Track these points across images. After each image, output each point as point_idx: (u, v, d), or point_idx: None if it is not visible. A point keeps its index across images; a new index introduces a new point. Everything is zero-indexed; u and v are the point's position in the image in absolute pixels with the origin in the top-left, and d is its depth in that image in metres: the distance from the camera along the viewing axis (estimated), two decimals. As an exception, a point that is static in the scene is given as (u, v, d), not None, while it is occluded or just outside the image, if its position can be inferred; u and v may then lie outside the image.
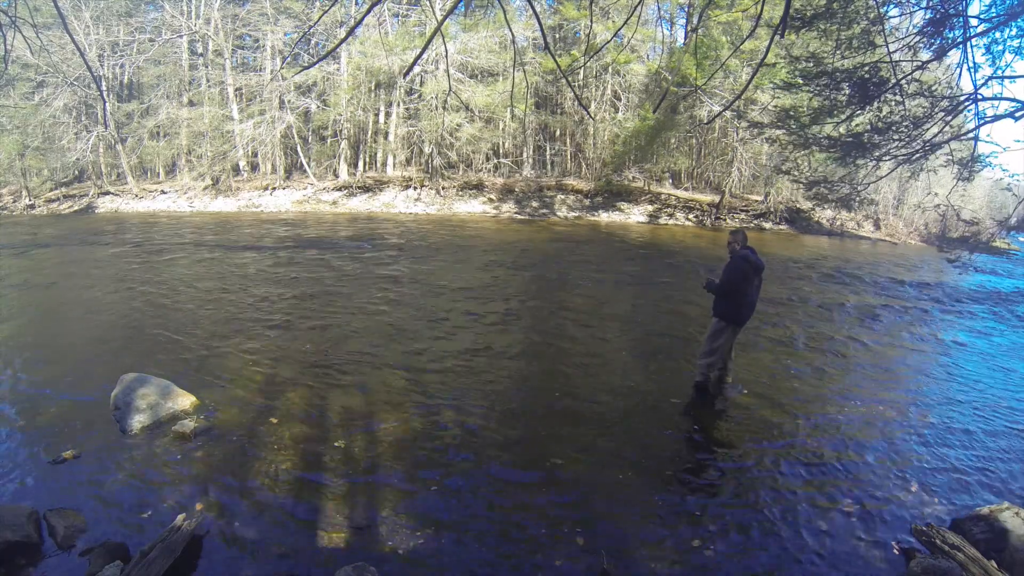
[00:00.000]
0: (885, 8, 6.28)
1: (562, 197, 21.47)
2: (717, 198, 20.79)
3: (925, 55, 5.82)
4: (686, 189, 22.53)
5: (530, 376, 5.67)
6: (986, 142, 14.15)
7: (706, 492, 3.80)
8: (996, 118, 5.31)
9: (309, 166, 22.90)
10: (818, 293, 10.08)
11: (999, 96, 5.23)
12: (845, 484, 3.88)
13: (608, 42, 6.15)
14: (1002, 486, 3.94)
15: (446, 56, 19.19)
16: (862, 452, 4.33)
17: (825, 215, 20.53)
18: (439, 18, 17.92)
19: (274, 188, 22.35)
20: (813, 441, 4.48)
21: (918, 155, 6.06)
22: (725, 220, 20.21)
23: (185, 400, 4.67)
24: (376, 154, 23.42)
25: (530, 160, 23.26)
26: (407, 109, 22.45)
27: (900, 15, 6.98)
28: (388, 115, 22.75)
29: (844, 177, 7.81)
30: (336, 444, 4.21)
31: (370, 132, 23.11)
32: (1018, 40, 5.16)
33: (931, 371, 6.40)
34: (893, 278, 12.13)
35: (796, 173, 10.65)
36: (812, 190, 8.76)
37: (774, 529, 3.39)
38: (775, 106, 10.45)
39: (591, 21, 18.69)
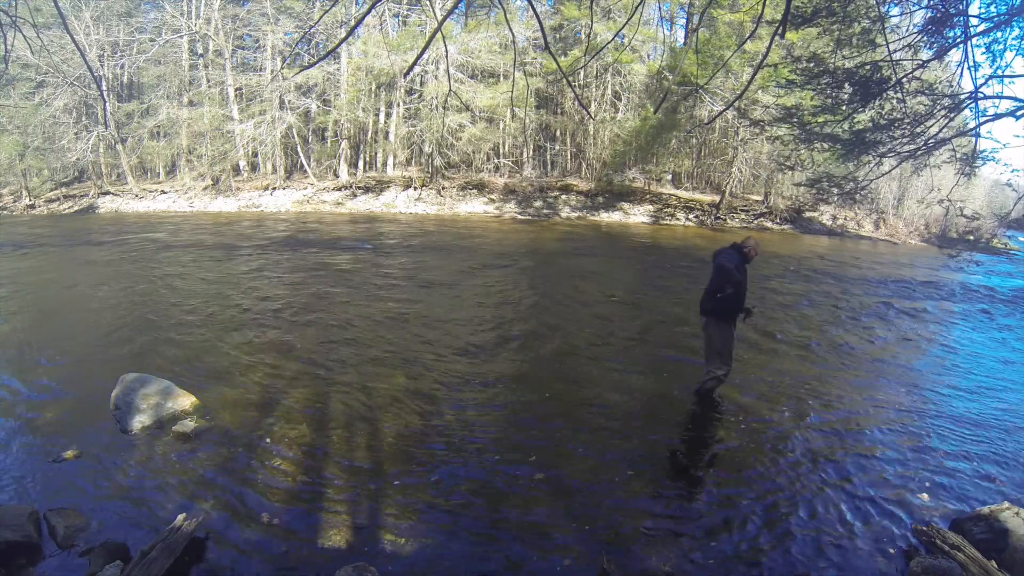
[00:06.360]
0: (886, 7, 6.28)
1: (564, 197, 21.49)
2: (717, 198, 20.80)
3: (925, 54, 5.81)
4: (686, 189, 22.54)
5: (531, 376, 5.67)
6: (987, 139, 14.13)
7: (706, 492, 3.79)
8: (997, 116, 5.31)
9: (309, 166, 22.90)
10: (818, 292, 10.07)
11: (999, 95, 5.22)
12: (845, 484, 3.87)
13: (609, 42, 6.15)
14: (1002, 486, 3.94)
15: (446, 56, 19.18)
16: (862, 452, 4.33)
17: (826, 215, 20.54)
18: (439, 18, 17.92)
19: (274, 188, 22.35)
20: (813, 441, 4.47)
21: (921, 152, 6.05)
22: (725, 220, 20.22)
23: (185, 400, 4.67)
24: (376, 154, 23.42)
25: (531, 160, 23.26)
26: (408, 109, 22.45)
27: (900, 14, 6.98)
28: (389, 115, 22.75)
29: (847, 174, 7.83)
30: (336, 444, 4.21)
31: (370, 132, 23.11)
32: (1019, 40, 5.16)
33: (931, 370, 6.39)
34: (893, 277, 12.12)
35: (800, 169, 10.68)
36: (815, 187, 8.79)
37: (774, 529, 3.39)
38: (778, 104, 10.46)
39: (592, 21, 18.73)
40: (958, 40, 5.18)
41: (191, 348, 6.16)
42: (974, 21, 5.23)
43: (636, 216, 20.79)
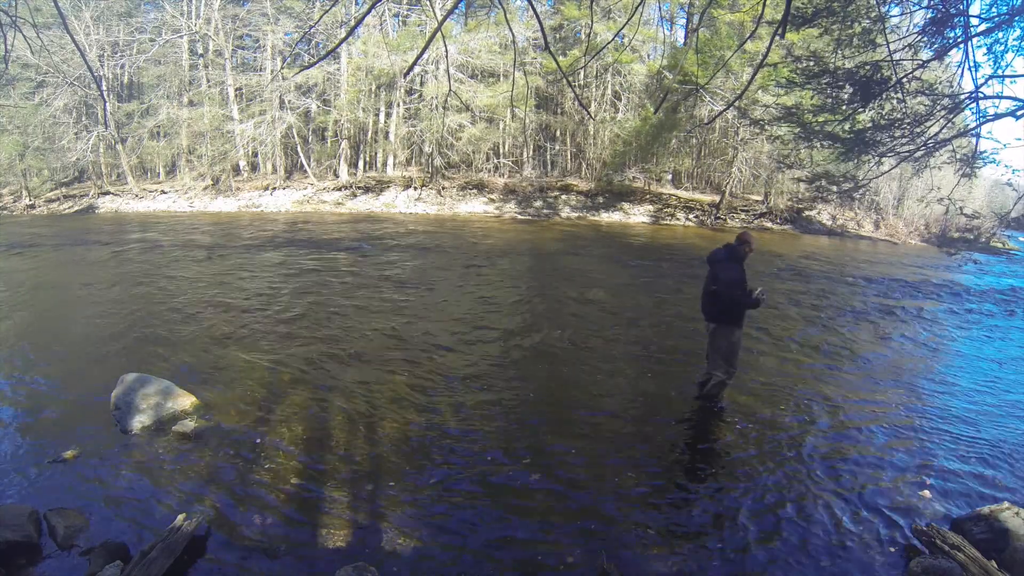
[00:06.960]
0: (886, 7, 6.28)
1: (564, 197, 21.49)
2: (717, 198, 20.80)
3: (926, 54, 5.81)
4: (686, 189, 22.54)
5: (531, 376, 5.67)
6: (987, 139, 14.11)
7: (706, 493, 3.79)
8: (997, 116, 5.29)
9: (309, 166, 22.90)
10: (817, 292, 10.06)
11: (1000, 95, 5.21)
12: (845, 485, 3.87)
13: (609, 42, 6.16)
14: (1002, 486, 3.94)
15: (446, 56, 19.18)
16: (862, 453, 4.33)
17: (826, 215, 20.54)
18: (439, 18, 17.92)
19: (274, 188, 22.35)
20: (812, 442, 4.47)
21: (921, 152, 6.04)
22: (725, 220, 20.22)
23: (186, 400, 4.67)
24: (376, 154, 23.42)
25: (531, 160, 23.26)
26: (408, 109, 22.45)
27: (901, 14, 6.98)
28: (389, 115, 22.75)
29: (846, 173, 7.84)
30: (336, 444, 4.21)
31: (370, 132, 23.11)
32: (1020, 40, 5.15)
33: (931, 370, 6.39)
34: (893, 277, 12.12)
35: (799, 168, 10.68)
36: (814, 184, 8.80)
37: (774, 529, 3.39)
38: (778, 104, 10.48)
39: (592, 21, 18.73)
40: (958, 40, 5.17)
41: (191, 348, 6.16)
42: (974, 21, 5.22)
43: (636, 216, 20.79)
